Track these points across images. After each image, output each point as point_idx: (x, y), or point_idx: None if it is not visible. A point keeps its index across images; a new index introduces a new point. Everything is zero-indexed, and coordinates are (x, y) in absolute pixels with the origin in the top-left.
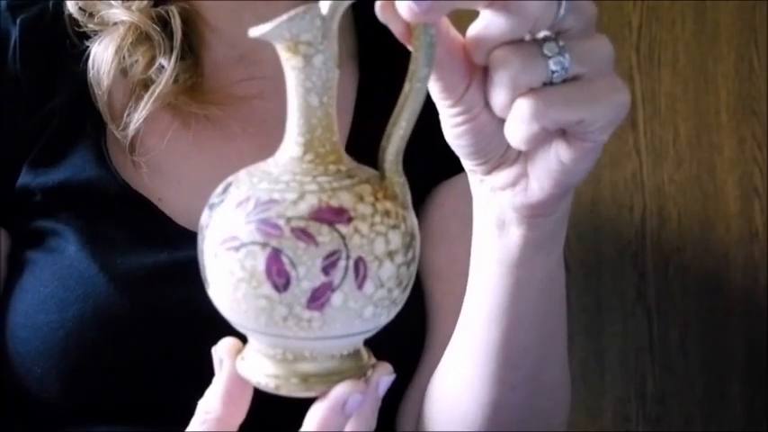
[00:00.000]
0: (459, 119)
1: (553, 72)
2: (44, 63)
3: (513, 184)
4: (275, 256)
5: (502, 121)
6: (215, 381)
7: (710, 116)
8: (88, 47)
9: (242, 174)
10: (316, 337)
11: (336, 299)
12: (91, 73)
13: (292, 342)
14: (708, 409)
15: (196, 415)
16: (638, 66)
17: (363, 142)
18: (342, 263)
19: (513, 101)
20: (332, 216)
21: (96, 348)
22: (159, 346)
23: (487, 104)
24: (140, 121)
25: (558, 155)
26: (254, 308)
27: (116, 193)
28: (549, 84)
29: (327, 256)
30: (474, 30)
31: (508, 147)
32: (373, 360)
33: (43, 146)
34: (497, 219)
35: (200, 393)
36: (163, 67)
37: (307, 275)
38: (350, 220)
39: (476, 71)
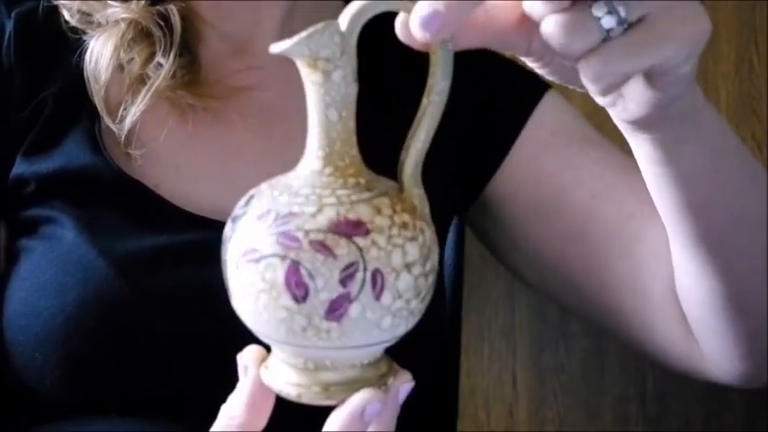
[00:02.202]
0: (536, 65)
1: (609, 30)
2: (38, 56)
3: (613, 103)
4: (294, 269)
5: None
6: (239, 387)
7: None
8: (82, 39)
9: (264, 186)
10: (335, 347)
11: (354, 310)
12: (88, 67)
13: (313, 351)
14: (708, 409)
15: (219, 419)
16: None
17: (367, 152)
18: (359, 275)
19: (576, 63)
20: (349, 229)
21: (97, 332)
22: (160, 328)
23: None
24: (137, 115)
25: (646, 86)
26: (274, 318)
27: (112, 179)
28: (609, 38)
29: (345, 268)
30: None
31: None
32: (395, 367)
33: (37, 135)
34: (622, 128)
35: (202, 376)
36: (160, 64)
37: (325, 287)
38: (367, 232)
39: (533, 29)
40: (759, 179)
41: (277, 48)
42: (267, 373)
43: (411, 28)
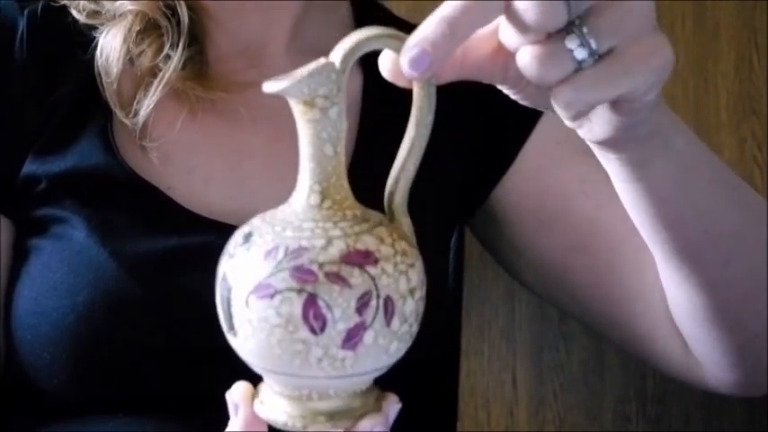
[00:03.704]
0: (510, 92)
1: (581, 61)
2: (51, 53)
3: (580, 125)
4: (312, 301)
5: None
6: (232, 425)
7: (710, 116)
8: (95, 36)
9: (259, 222)
10: (345, 375)
11: (368, 337)
12: (99, 62)
13: (322, 382)
14: (708, 409)
15: None
16: None
17: (372, 140)
18: (373, 302)
19: (549, 92)
20: (360, 259)
21: (107, 332)
22: (169, 331)
23: None
24: (150, 107)
25: (610, 111)
26: (289, 352)
27: (124, 180)
28: (581, 68)
29: (360, 297)
30: (497, 38)
31: None
32: (380, 391)
33: (50, 134)
34: (591, 147)
35: (212, 378)
36: (169, 56)
37: (342, 317)
38: (376, 261)
39: (508, 58)
40: (738, 196)
41: (273, 87)
42: (264, 408)
43: (401, 67)
